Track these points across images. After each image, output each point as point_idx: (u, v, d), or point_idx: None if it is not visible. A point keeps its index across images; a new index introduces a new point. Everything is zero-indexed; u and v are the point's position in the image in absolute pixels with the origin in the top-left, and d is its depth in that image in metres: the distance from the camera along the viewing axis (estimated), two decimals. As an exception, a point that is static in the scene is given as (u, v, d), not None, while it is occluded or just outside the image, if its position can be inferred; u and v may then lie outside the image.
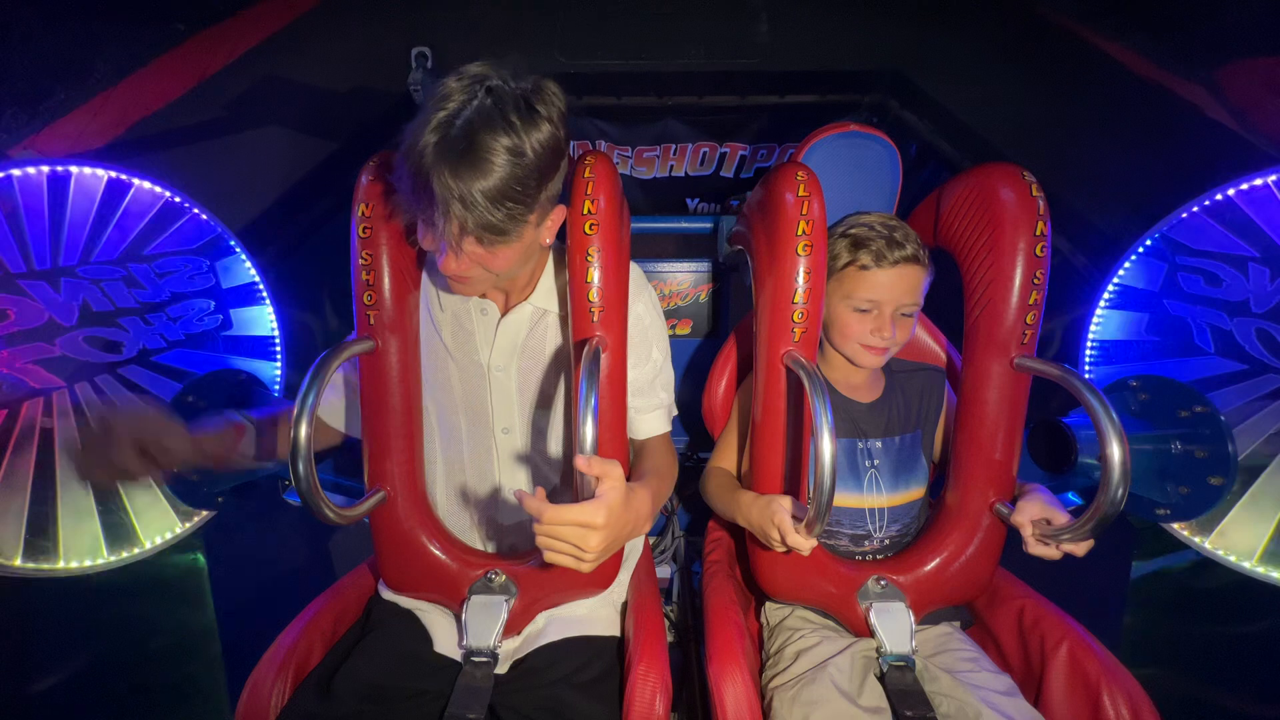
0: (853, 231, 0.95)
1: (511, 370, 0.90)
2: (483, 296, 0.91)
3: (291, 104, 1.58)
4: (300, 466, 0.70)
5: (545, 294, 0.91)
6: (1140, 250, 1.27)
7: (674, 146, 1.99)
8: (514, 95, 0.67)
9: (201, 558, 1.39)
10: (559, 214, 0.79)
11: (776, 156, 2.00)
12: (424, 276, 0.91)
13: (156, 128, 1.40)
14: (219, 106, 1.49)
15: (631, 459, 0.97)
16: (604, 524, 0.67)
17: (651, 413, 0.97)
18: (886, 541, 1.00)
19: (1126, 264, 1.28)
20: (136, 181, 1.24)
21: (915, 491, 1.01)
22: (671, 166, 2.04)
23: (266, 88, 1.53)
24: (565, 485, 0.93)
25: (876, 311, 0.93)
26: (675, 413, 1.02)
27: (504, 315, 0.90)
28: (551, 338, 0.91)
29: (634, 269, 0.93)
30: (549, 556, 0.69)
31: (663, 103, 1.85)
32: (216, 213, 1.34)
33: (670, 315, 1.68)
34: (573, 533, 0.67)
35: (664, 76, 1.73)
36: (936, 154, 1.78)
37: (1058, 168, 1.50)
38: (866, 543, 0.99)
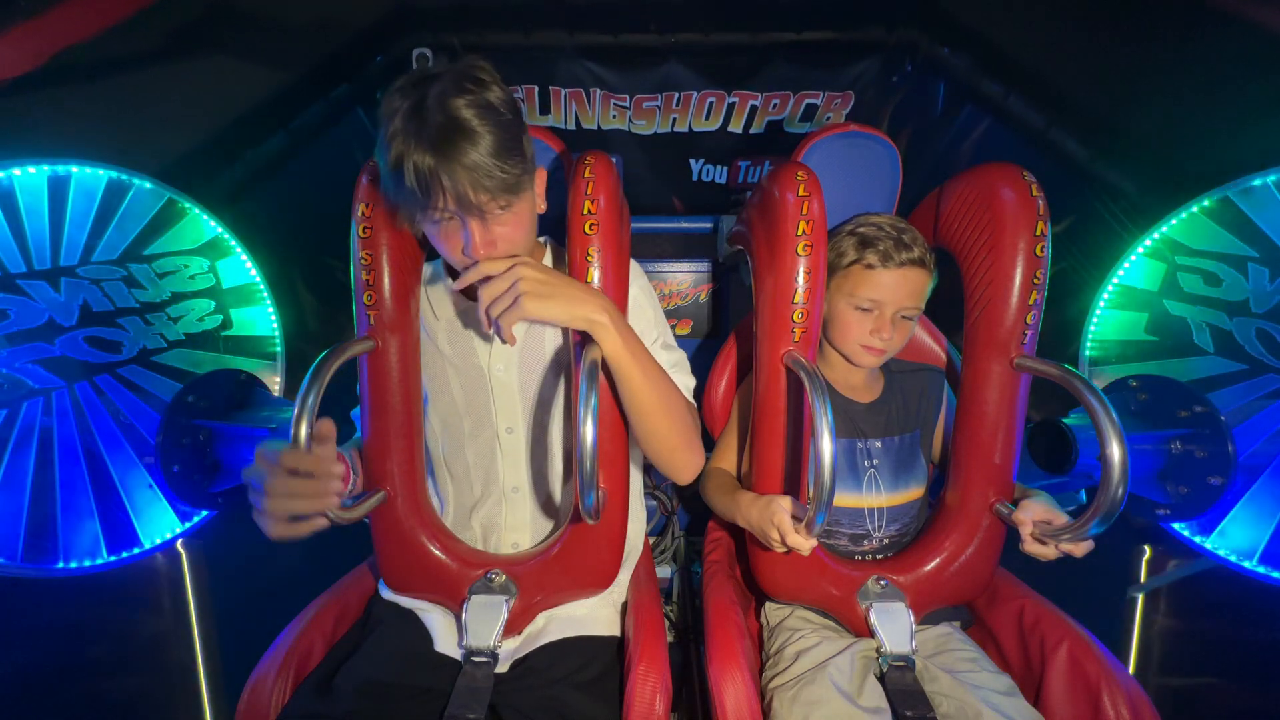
0: (861, 230, 0.95)
1: (513, 369, 0.90)
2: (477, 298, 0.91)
3: (240, 34, 1.46)
4: None
5: None
6: (1140, 250, 1.27)
7: (677, 95, 1.79)
8: (456, 72, 0.72)
9: (159, 556, 1.32)
10: (541, 176, 0.85)
11: (791, 107, 1.82)
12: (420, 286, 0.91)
13: (87, 56, 1.25)
14: (161, 35, 1.34)
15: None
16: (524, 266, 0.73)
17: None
18: (886, 541, 1.00)
19: (1126, 264, 1.28)
20: (137, 181, 1.24)
21: (914, 491, 1.01)
22: (674, 120, 1.84)
23: (214, 16, 1.40)
24: (568, 484, 0.93)
25: (878, 312, 0.93)
26: (692, 381, 0.96)
27: None
28: (551, 334, 0.91)
29: (632, 264, 0.93)
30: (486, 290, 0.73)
31: (665, 41, 1.67)
32: (150, 146, 1.23)
33: (670, 315, 1.68)
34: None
35: (666, 8, 1.57)
36: (975, 95, 1.61)
37: (1124, 103, 1.38)
38: (866, 542, 0.99)
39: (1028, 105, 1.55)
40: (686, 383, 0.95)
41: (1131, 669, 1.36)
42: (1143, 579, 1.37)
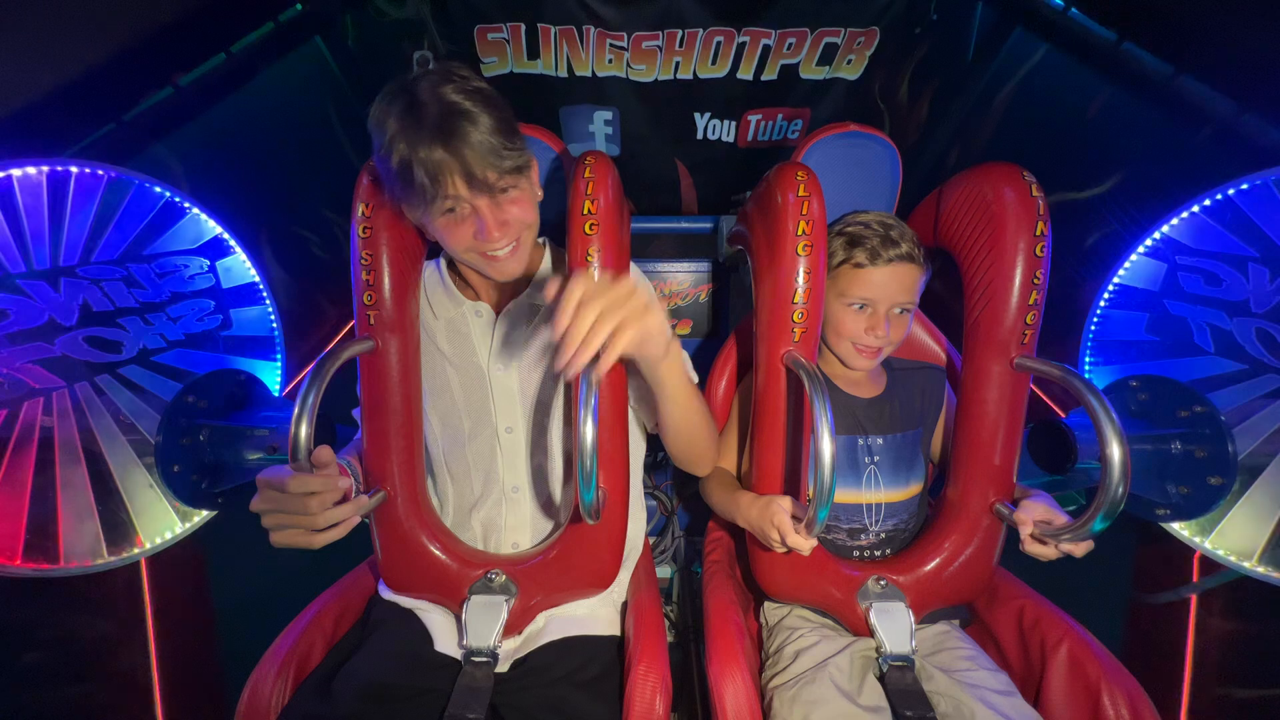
0: (849, 230, 0.95)
1: (512, 369, 0.91)
2: (476, 298, 0.91)
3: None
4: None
5: (541, 288, 0.91)
6: (1140, 250, 1.27)
7: (681, 33, 1.53)
8: (441, 68, 0.75)
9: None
10: (535, 165, 0.85)
11: (808, 48, 1.58)
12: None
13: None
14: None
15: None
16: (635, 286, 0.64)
17: None
18: (882, 535, 1.00)
19: (1126, 264, 1.28)
20: (137, 181, 1.24)
21: (914, 488, 1.01)
22: (678, 64, 1.60)
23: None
24: (568, 484, 0.93)
25: (872, 310, 0.93)
26: (695, 377, 0.95)
27: (500, 314, 0.90)
28: (551, 334, 0.91)
29: (632, 267, 0.93)
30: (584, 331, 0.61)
31: None
32: (52, 54, 1.02)
33: (670, 315, 1.67)
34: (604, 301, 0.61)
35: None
36: (1028, 13, 1.41)
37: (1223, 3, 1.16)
38: (863, 536, 0.99)
39: (1094, 17, 1.33)
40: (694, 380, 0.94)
41: (1187, 678, 1.26)
42: (1194, 578, 1.28)
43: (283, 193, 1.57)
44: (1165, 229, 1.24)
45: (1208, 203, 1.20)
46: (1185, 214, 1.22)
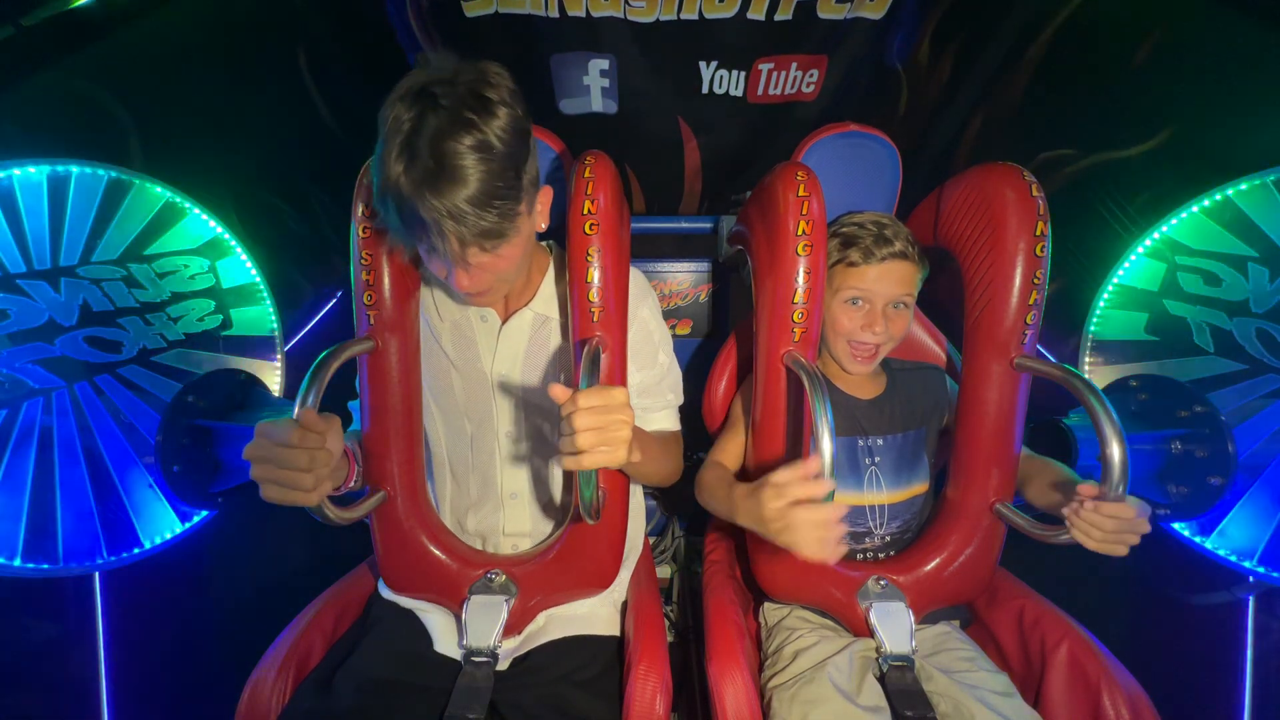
0: (843, 230, 0.96)
1: (515, 375, 0.91)
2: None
3: None
4: None
5: (546, 300, 0.91)
6: (1140, 250, 1.26)
7: None
8: (460, 93, 0.65)
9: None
10: (546, 195, 0.79)
11: None
12: (422, 285, 0.91)
13: None
14: None
15: None
16: (626, 401, 0.66)
17: (658, 412, 0.97)
18: (888, 539, 1.00)
19: (1126, 264, 1.28)
20: (137, 181, 1.24)
21: (917, 488, 1.01)
22: (681, 3, 1.39)
23: None
24: (568, 487, 0.93)
25: (868, 307, 0.93)
26: (678, 425, 1.01)
27: (505, 322, 0.90)
28: (554, 344, 0.91)
29: (637, 274, 0.93)
30: (581, 442, 0.64)
31: None
32: None
33: (670, 315, 1.67)
34: (598, 416, 0.64)
35: None
36: None
37: None
38: (867, 540, 0.99)
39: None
40: (673, 426, 0.99)
41: (1248, 689, 1.20)
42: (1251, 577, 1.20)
43: (252, 156, 1.42)
44: (1165, 229, 1.24)
45: (1207, 203, 1.20)
46: (1185, 214, 1.22)
